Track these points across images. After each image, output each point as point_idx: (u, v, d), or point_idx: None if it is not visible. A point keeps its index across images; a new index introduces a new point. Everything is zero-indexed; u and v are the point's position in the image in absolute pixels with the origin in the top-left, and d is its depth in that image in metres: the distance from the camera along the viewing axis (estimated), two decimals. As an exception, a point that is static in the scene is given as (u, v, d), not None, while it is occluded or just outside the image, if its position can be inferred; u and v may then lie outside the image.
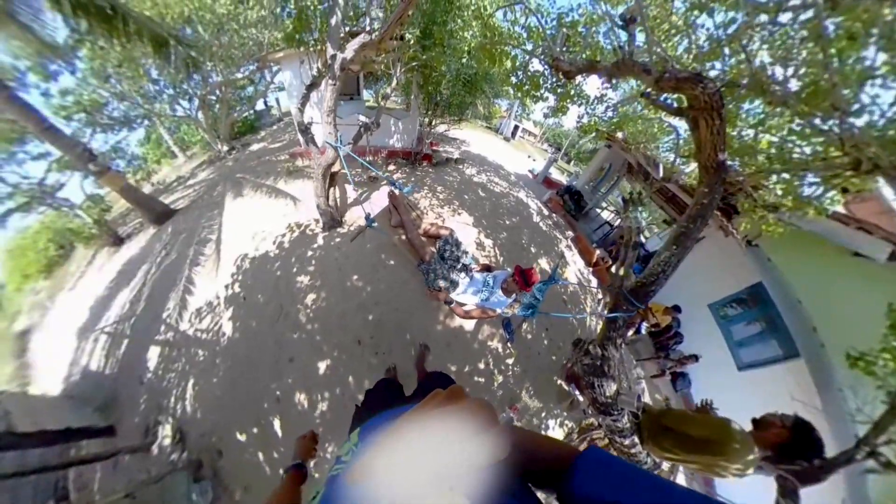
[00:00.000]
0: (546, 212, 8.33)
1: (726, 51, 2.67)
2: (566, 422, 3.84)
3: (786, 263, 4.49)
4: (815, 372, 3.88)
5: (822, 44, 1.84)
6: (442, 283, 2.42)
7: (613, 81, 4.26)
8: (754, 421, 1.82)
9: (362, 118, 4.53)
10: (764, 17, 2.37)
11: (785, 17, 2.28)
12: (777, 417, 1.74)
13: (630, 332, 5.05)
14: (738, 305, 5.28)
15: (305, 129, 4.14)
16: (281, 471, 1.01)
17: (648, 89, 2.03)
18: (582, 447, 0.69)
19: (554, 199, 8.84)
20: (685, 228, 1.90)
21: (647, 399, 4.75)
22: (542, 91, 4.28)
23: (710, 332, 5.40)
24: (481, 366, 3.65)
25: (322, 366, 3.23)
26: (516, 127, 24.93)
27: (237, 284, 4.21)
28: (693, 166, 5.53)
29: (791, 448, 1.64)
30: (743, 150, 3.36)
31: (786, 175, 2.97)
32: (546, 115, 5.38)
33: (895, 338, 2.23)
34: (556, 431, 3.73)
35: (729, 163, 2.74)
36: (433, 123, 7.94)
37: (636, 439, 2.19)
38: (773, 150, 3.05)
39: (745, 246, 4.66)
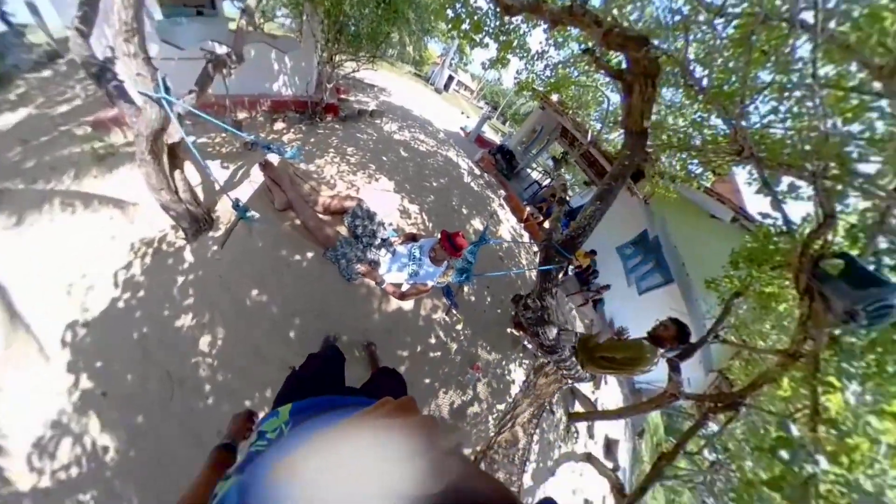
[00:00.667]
0: (478, 171, 8.00)
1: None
2: (524, 361, 4.18)
3: (669, 219, 5.95)
4: (684, 292, 5.66)
5: (745, 48, 2.05)
6: (360, 268, 2.09)
7: (556, 34, 4.42)
8: (650, 334, 2.50)
9: (216, 47, 2.90)
10: (703, 17, 2.52)
11: (719, 21, 2.42)
12: (663, 323, 2.48)
13: (560, 275, 6.12)
14: (635, 248, 6.81)
15: (101, 71, 2.13)
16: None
17: (592, 45, 2.19)
18: (542, 382, 1.15)
19: (486, 159, 8.60)
20: (608, 186, 2.04)
21: (577, 323, 6.01)
22: (482, 35, 3.66)
23: (617, 267, 7.01)
24: (432, 340, 3.42)
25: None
26: (451, 78, 22.57)
27: (83, 377, 2.30)
28: (615, 135, 6.44)
29: (679, 337, 2.38)
30: (656, 125, 4.04)
31: (683, 154, 3.84)
32: (485, 67, 4.68)
33: (732, 270, 3.35)
34: (517, 373, 4.03)
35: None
36: (337, 62, 5.43)
37: (578, 366, 2.69)
38: (679, 132, 3.81)
39: (643, 204, 5.89)
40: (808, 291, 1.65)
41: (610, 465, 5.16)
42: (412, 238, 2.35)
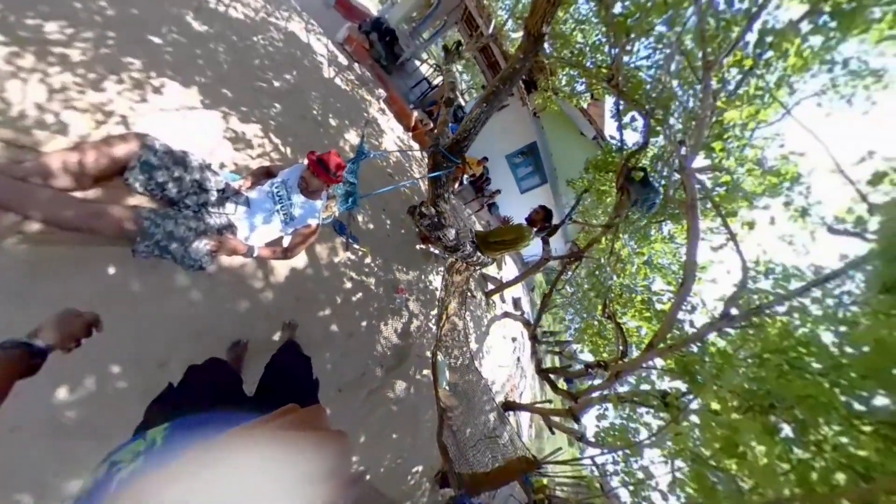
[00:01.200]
0: (344, 60, 5.48)
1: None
2: (438, 269, 4.45)
3: (549, 131, 7.34)
4: (553, 190, 7.61)
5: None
6: (207, 244, 1.33)
7: None
8: (527, 219, 3.46)
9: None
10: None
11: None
12: (535, 210, 3.42)
13: (457, 185, 6.86)
14: (521, 155, 8.26)
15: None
16: None
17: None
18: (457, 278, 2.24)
19: (356, 40, 5.84)
20: (496, 88, 1.98)
21: (477, 226, 7.35)
22: None
23: (506, 173, 8.52)
24: (347, 285, 2.86)
25: None
26: None
27: None
28: (519, 34, 6.84)
29: (546, 219, 3.38)
30: (561, 38, 4.31)
31: (573, 72, 4.76)
32: None
33: (584, 174, 4.89)
34: (437, 280, 4.34)
35: (547, 46, 3.97)
36: None
37: (478, 253, 3.31)
38: (576, 51, 4.17)
39: (532, 116, 7.02)
40: (621, 189, 2.97)
41: (519, 313, 7.47)
42: (266, 174, 1.72)
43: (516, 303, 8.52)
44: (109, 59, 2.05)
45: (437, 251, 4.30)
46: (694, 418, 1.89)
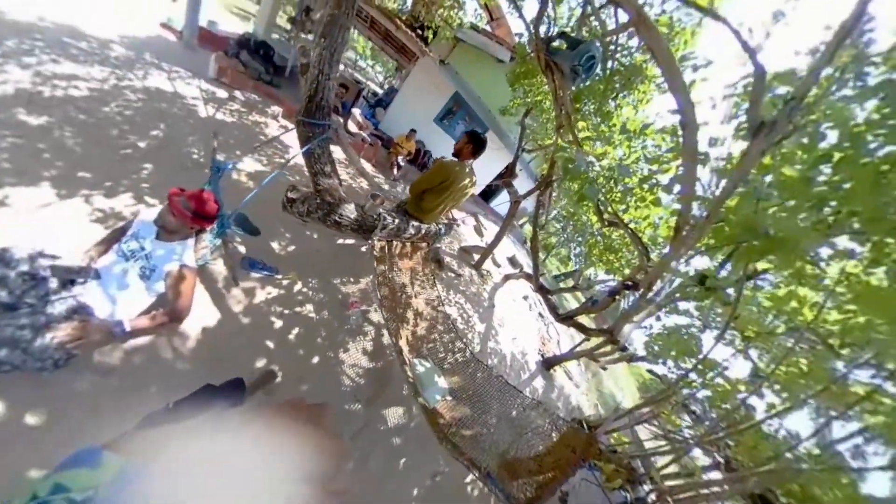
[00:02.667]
0: (223, 93, 4.81)
1: None
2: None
3: (466, 75, 6.56)
4: (496, 131, 6.90)
5: None
6: (60, 335, 1.09)
7: None
8: (454, 153, 2.38)
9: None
10: None
11: None
12: (458, 140, 2.34)
13: (396, 171, 6.21)
14: (450, 113, 7.50)
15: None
16: None
17: None
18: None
19: (228, 68, 5.06)
20: (332, 15, 1.67)
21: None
22: None
23: (441, 135, 7.73)
24: (279, 324, 2.30)
25: None
26: None
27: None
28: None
29: (474, 142, 2.25)
30: None
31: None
32: None
33: (513, 92, 4.20)
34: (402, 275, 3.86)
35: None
36: None
37: (414, 223, 2.38)
38: None
39: (442, 65, 6.22)
40: (549, 67, 2.28)
41: (518, 270, 6.82)
42: (117, 235, 1.42)
43: (512, 261, 7.87)
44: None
45: (349, 239, 3.49)
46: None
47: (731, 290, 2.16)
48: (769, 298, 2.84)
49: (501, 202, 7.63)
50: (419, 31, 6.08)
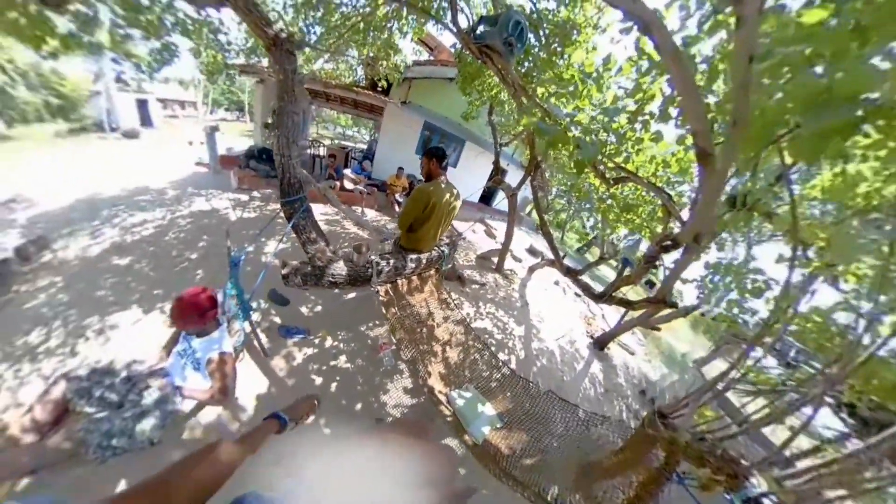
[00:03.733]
0: (244, 197, 5.69)
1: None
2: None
3: (427, 102, 6.75)
4: (475, 141, 6.98)
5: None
6: (145, 425, 1.33)
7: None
8: (424, 177, 2.16)
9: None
10: None
11: None
12: (421, 163, 2.11)
13: (398, 208, 6.25)
14: (427, 141, 7.56)
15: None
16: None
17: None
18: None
19: (243, 176, 6.22)
20: (280, 106, 1.86)
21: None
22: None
23: None
24: (319, 381, 2.37)
25: None
26: (143, 102, 13.06)
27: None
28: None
29: (435, 156, 2.04)
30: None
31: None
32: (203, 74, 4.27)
33: (468, 98, 4.09)
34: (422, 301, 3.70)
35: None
36: None
37: (412, 257, 2.19)
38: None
39: (402, 105, 6.37)
40: (484, 55, 2.13)
41: (539, 259, 6.45)
42: (175, 337, 1.68)
43: (531, 251, 7.48)
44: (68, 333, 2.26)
45: (351, 294, 3.39)
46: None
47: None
48: (822, 188, 2.30)
49: (501, 199, 7.50)
50: (378, 88, 6.43)
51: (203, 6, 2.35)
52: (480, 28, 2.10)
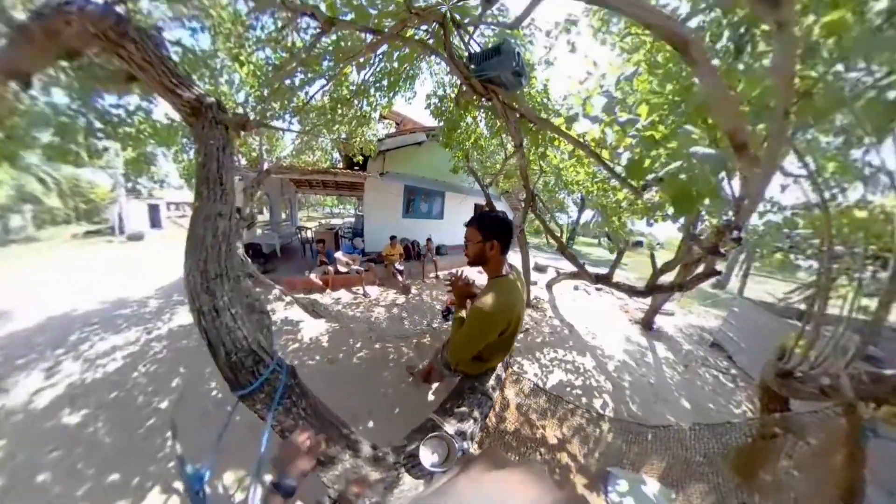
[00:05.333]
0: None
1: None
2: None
3: (402, 168, 6.99)
4: (451, 188, 7.30)
5: None
6: None
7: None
8: (472, 263, 1.24)
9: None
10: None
11: None
12: (466, 243, 1.25)
13: (401, 278, 5.97)
14: (409, 203, 7.76)
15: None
16: None
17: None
18: None
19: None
20: (198, 205, 1.20)
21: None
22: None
23: (415, 223, 7.96)
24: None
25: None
26: (155, 207, 13.84)
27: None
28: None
29: (500, 231, 1.18)
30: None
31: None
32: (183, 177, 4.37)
33: (450, 151, 4.19)
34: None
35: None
36: None
37: (488, 386, 1.45)
38: None
39: (380, 177, 6.58)
40: (488, 91, 2.12)
41: (556, 274, 6.12)
42: None
43: (538, 268, 7.36)
44: None
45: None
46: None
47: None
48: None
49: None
50: (355, 164, 6.44)
51: (122, 94, 1.93)
52: (481, 64, 1.98)
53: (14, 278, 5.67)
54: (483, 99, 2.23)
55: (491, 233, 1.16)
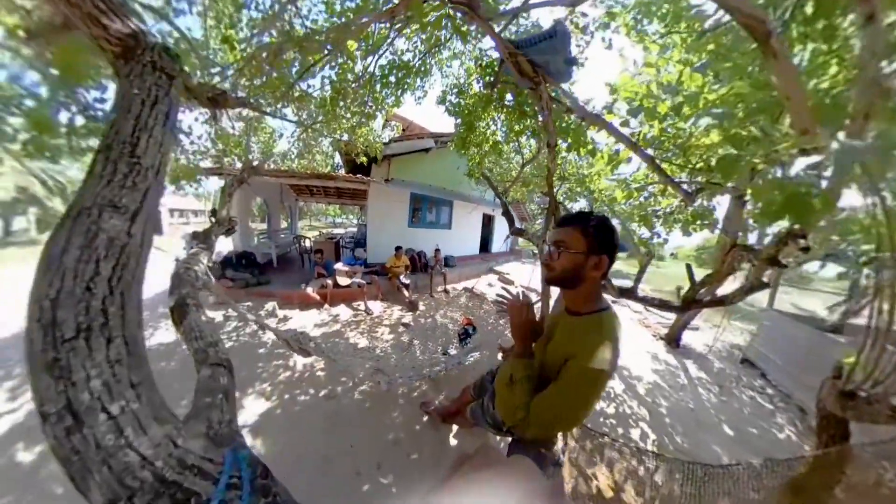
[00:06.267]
0: (220, 317, 4.25)
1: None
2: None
3: (408, 175, 6.71)
4: (459, 196, 7.06)
5: None
6: None
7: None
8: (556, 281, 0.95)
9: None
10: None
11: None
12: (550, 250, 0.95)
13: (406, 292, 5.45)
14: (415, 212, 7.49)
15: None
16: None
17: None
18: None
19: (222, 287, 4.28)
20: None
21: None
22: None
23: (422, 232, 7.60)
24: None
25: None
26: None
27: None
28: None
29: (605, 240, 0.87)
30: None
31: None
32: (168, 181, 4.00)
33: (466, 153, 3.96)
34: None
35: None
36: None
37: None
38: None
39: (385, 183, 6.33)
40: (538, 75, 1.84)
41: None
42: None
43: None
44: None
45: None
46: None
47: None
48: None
49: (501, 244, 7.34)
50: (359, 165, 6.07)
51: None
52: (531, 48, 1.69)
53: (7, 284, 5.21)
54: (529, 85, 1.91)
55: (601, 244, 0.82)
